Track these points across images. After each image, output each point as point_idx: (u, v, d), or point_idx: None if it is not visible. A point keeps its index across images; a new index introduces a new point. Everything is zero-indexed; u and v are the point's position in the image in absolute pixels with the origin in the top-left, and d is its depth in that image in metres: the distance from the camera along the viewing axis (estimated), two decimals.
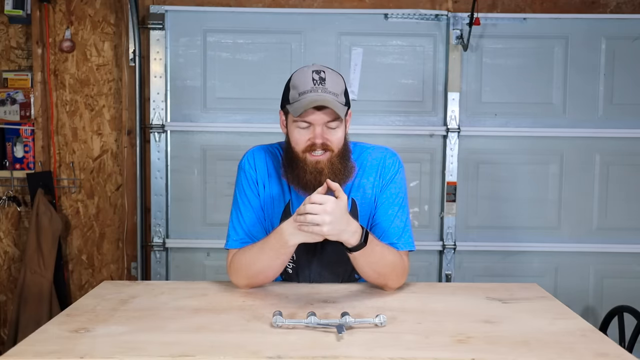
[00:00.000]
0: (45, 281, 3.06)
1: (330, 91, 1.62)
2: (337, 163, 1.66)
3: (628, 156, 3.17)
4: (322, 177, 1.63)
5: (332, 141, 1.65)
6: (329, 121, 1.63)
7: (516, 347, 1.29)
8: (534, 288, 1.79)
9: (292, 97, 1.65)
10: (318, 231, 1.49)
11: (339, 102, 1.63)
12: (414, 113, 3.17)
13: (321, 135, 1.63)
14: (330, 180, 1.54)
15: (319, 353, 1.25)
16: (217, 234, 3.07)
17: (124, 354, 1.24)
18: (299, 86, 1.63)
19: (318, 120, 1.62)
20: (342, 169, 1.67)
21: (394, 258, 1.67)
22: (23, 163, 3.18)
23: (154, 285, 1.80)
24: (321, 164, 1.64)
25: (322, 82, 1.62)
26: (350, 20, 3.14)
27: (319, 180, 1.63)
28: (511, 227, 3.19)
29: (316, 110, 1.60)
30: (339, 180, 1.65)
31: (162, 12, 3.11)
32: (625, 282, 3.19)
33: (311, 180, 1.64)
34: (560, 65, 3.15)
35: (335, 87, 1.64)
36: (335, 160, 1.65)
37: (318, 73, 1.63)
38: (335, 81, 1.66)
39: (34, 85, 3.14)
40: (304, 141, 1.64)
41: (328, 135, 1.64)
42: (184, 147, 3.18)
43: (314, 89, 1.61)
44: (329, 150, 1.64)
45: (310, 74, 1.63)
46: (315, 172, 1.64)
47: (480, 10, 3.01)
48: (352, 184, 1.75)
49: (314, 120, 1.62)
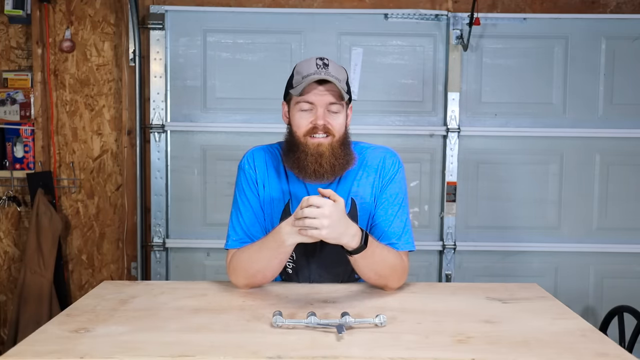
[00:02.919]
0: (45, 281, 3.06)
1: (333, 75, 1.65)
2: (337, 148, 1.67)
3: (628, 156, 3.17)
4: (323, 159, 1.65)
5: (334, 125, 1.67)
6: (331, 103, 1.65)
7: (516, 347, 1.29)
8: (534, 288, 1.79)
9: (296, 81, 1.68)
10: (317, 235, 1.48)
11: (341, 86, 1.65)
12: (414, 113, 3.17)
13: (323, 117, 1.65)
14: (321, 189, 1.53)
15: (319, 353, 1.25)
16: (217, 234, 3.07)
17: (124, 354, 1.24)
18: (303, 71, 1.67)
19: (320, 101, 1.65)
20: (342, 155, 1.68)
21: (394, 259, 1.67)
22: (23, 163, 3.18)
23: (154, 285, 1.80)
24: (322, 147, 1.66)
25: (325, 66, 1.66)
26: (350, 20, 3.15)
27: (319, 163, 1.65)
28: (511, 227, 3.19)
29: (319, 91, 1.63)
30: (340, 165, 1.67)
31: (162, 12, 3.11)
32: (625, 282, 3.20)
33: (312, 162, 1.65)
34: (560, 65, 3.15)
35: (337, 73, 1.67)
36: (336, 145, 1.67)
37: (322, 60, 1.68)
38: (338, 69, 1.70)
39: (34, 85, 3.14)
40: (305, 124, 1.66)
41: (330, 118, 1.66)
42: (184, 147, 3.18)
43: (317, 72, 1.64)
44: (331, 134, 1.66)
45: (315, 61, 1.67)
46: (317, 155, 1.65)
47: (480, 10, 3.01)
48: (352, 184, 1.75)
49: (316, 100, 1.65)
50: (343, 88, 1.66)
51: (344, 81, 1.69)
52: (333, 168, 1.67)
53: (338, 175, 1.71)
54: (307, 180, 1.70)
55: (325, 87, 1.64)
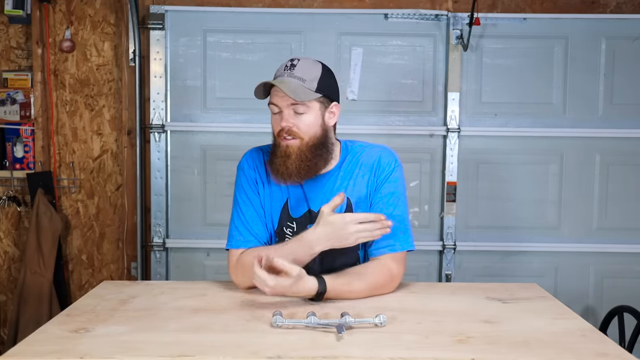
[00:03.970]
0: (45, 281, 3.06)
1: (296, 76, 1.65)
2: (306, 152, 1.68)
3: (628, 156, 3.17)
4: (289, 161, 1.67)
5: (300, 127, 1.67)
6: (293, 104, 1.66)
7: (516, 347, 1.29)
8: (534, 288, 1.79)
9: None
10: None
11: (305, 86, 1.65)
12: (414, 113, 3.17)
13: (287, 119, 1.66)
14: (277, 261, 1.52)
15: (319, 353, 1.25)
16: (217, 234, 3.07)
17: (124, 354, 1.24)
18: (276, 73, 1.71)
19: (281, 102, 1.66)
20: (310, 157, 1.68)
21: (368, 280, 1.64)
22: (23, 163, 3.18)
23: (154, 285, 1.80)
24: (290, 149, 1.67)
25: (292, 67, 1.67)
26: (350, 20, 3.15)
27: (285, 165, 1.67)
28: (511, 227, 3.19)
29: (280, 92, 1.65)
30: (306, 167, 1.68)
31: (162, 12, 3.11)
32: (625, 282, 3.19)
33: (280, 164, 1.68)
34: (560, 65, 3.15)
35: (304, 73, 1.66)
36: (305, 149, 1.67)
37: (292, 61, 1.69)
38: (308, 68, 1.68)
39: (34, 85, 3.14)
40: (277, 126, 1.69)
41: (295, 120, 1.67)
42: (184, 147, 3.18)
43: (282, 74, 1.67)
44: (298, 137, 1.67)
45: (286, 62, 1.70)
46: (284, 156, 1.67)
47: (480, 10, 3.01)
48: (348, 183, 1.75)
49: (277, 102, 1.67)
50: (310, 87, 1.65)
51: (314, 79, 1.67)
52: (298, 170, 1.68)
53: (305, 177, 1.70)
54: (277, 181, 1.72)
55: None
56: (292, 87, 1.63)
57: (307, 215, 1.74)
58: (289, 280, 1.51)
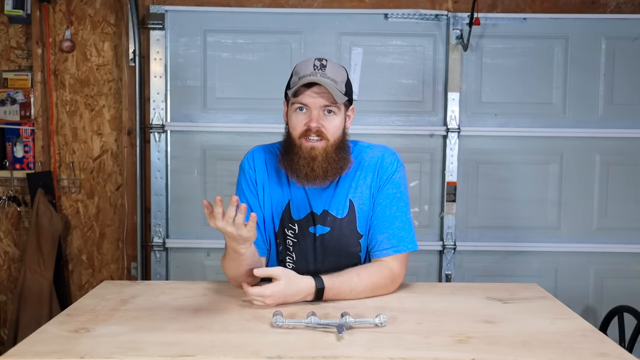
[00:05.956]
0: (45, 281, 3.06)
1: (329, 77, 1.63)
2: (331, 153, 1.66)
3: (628, 156, 3.17)
4: (315, 163, 1.65)
5: (328, 128, 1.66)
6: (326, 106, 1.64)
7: (516, 347, 1.29)
8: (534, 288, 1.79)
9: (293, 82, 1.68)
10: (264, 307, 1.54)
11: (337, 88, 1.64)
12: (414, 113, 3.17)
13: (317, 120, 1.64)
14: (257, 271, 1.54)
15: (319, 353, 1.25)
16: (217, 234, 3.02)
17: (124, 354, 1.24)
18: (300, 72, 1.66)
19: (314, 104, 1.64)
20: (336, 159, 1.67)
21: (369, 280, 1.64)
22: (23, 163, 3.18)
23: (154, 285, 1.80)
24: (315, 151, 1.65)
25: (322, 67, 1.65)
26: (350, 20, 3.15)
27: (311, 167, 1.65)
28: (511, 227, 3.19)
29: (313, 93, 1.62)
30: (332, 170, 1.67)
31: (162, 12, 3.11)
32: (625, 282, 3.19)
33: (304, 166, 1.65)
34: (560, 65, 3.15)
35: (335, 74, 1.66)
36: (330, 150, 1.66)
37: (320, 60, 1.66)
38: (337, 70, 1.68)
39: (34, 85, 3.14)
40: (300, 125, 1.66)
41: (324, 121, 1.65)
42: (184, 147, 3.18)
43: (314, 73, 1.63)
44: (324, 138, 1.65)
45: (312, 61, 1.66)
46: (309, 158, 1.65)
47: (480, 10, 3.01)
48: (350, 184, 1.75)
49: (310, 102, 1.64)
50: (341, 90, 1.65)
51: (343, 82, 1.68)
52: (325, 172, 1.66)
53: (330, 179, 1.70)
54: (299, 183, 1.70)
55: (320, 89, 1.63)
56: (332, 89, 1.62)
57: (309, 217, 1.74)
58: (282, 282, 1.52)
